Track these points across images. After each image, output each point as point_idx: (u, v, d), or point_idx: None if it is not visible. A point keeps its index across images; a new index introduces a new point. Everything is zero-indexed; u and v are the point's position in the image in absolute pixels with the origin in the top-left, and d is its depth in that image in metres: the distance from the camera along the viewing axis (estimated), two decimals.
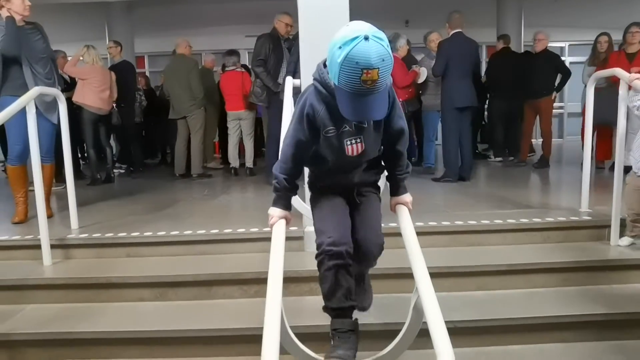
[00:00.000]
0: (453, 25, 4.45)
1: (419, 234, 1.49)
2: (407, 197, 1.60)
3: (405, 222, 1.50)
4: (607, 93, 3.73)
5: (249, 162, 5.57)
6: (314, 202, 1.56)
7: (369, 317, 2.21)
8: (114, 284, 2.45)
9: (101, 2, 7.20)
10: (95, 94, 4.98)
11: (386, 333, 2.17)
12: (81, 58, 5.07)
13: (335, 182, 1.53)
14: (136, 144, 6.18)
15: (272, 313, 1.15)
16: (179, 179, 5.42)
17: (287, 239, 1.49)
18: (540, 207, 3.25)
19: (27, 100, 2.53)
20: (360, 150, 1.42)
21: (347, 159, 1.44)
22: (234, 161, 5.66)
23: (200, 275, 2.44)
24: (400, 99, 5.11)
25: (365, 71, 1.14)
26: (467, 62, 4.36)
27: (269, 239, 1.48)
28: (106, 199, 4.22)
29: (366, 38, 1.15)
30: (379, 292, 2.44)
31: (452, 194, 3.92)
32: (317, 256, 1.46)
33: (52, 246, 2.67)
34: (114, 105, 5.34)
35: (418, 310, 1.37)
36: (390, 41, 1.36)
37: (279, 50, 4.58)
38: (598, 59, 4.91)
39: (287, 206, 1.51)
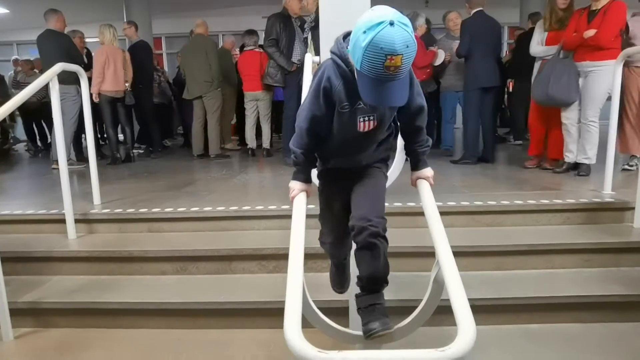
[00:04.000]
0: (473, 4, 4.34)
1: None
2: (428, 172, 1.58)
3: (427, 196, 1.49)
4: (562, 66, 3.56)
5: (266, 143, 5.59)
6: (321, 200, 1.59)
7: (385, 295, 2.25)
8: (136, 258, 2.52)
9: None
10: (111, 77, 5.02)
11: (402, 310, 2.19)
12: (102, 38, 5.10)
13: (344, 162, 1.52)
14: (155, 124, 6.24)
15: (294, 284, 1.16)
16: (197, 159, 5.48)
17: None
18: (562, 189, 3.20)
19: (50, 75, 2.57)
20: (372, 127, 1.42)
21: (357, 136, 1.43)
22: (251, 142, 5.69)
23: (221, 250, 2.48)
24: (418, 79, 5.06)
25: (389, 57, 1.11)
26: (490, 41, 4.26)
27: (287, 217, 1.50)
28: (126, 177, 4.30)
29: (391, 24, 1.12)
30: (395, 270, 2.46)
31: (471, 175, 3.89)
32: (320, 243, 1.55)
33: (77, 221, 2.75)
34: (127, 86, 5.32)
35: (439, 283, 1.38)
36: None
37: (291, 29, 4.55)
38: (553, 21, 3.89)
39: (308, 179, 1.51)
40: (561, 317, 2.18)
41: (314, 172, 1.60)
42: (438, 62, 4.95)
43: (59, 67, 2.65)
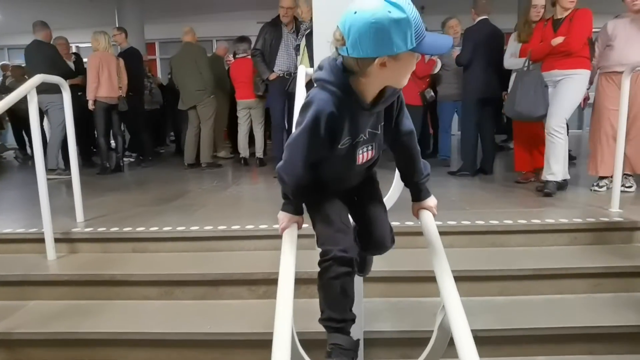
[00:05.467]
0: (479, 11, 4.20)
1: None
2: (430, 201, 1.44)
3: (431, 230, 1.36)
4: (529, 78, 3.39)
5: (259, 152, 5.46)
6: (312, 205, 1.42)
7: (383, 324, 2.11)
8: (119, 282, 2.36)
9: None
10: (105, 83, 4.92)
11: (402, 341, 2.07)
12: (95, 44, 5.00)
13: (335, 189, 1.40)
14: (146, 132, 6.09)
15: (282, 336, 1.03)
16: (189, 169, 5.33)
17: (298, 237, 1.37)
18: (567, 206, 3.07)
19: (29, 87, 2.43)
20: (369, 157, 1.31)
21: (353, 169, 1.31)
22: (243, 151, 5.55)
23: (208, 274, 2.34)
24: (419, 90, 4.94)
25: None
26: (493, 52, 4.13)
27: (278, 237, 1.36)
28: (114, 189, 4.14)
29: None
30: (393, 295, 2.34)
31: (471, 189, 3.76)
32: (322, 262, 1.33)
33: (57, 240, 2.59)
34: (122, 92, 5.21)
35: (444, 330, 1.24)
36: None
37: (278, 38, 4.46)
38: (526, 32, 3.77)
39: (299, 211, 1.37)
40: (571, 349, 2.05)
41: None
42: (436, 70, 4.83)
43: (38, 78, 2.51)
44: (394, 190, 1.84)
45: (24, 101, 5.40)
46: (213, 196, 3.70)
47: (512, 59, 3.89)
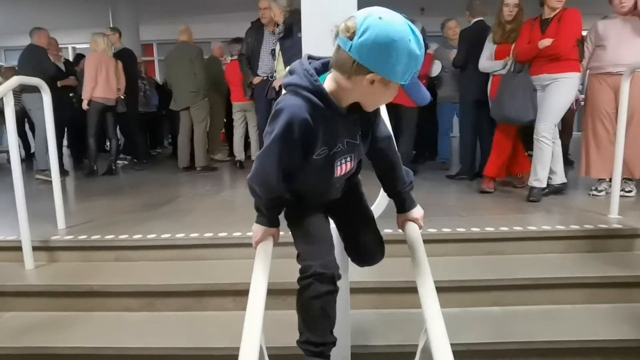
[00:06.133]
0: (474, 13, 4.13)
1: (430, 241, 1.31)
2: (416, 212, 1.36)
3: (416, 246, 1.27)
4: (517, 81, 3.30)
5: (255, 155, 5.36)
6: (292, 220, 1.33)
7: (372, 338, 2.02)
8: (98, 292, 2.28)
9: None
10: (103, 84, 4.87)
11: (391, 356, 1.98)
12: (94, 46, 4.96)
13: (315, 202, 1.31)
14: (140, 134, 6.01)
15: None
16: (183, 172, 5.25)
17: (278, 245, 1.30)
18: (564, 212, 2.98)
19: (5, 90, 2.35)
20: (348, 169, 1.23)
21: (331, 181, 1.23)
22: (239, 154, 5.47)
23: (192, 285, 2.25)
24: None
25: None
26: None
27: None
28: (103, 193, 4.06)
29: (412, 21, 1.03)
30: (381, 307, 2.25)
31: (468, 194, 3.66)
32: (301, 279, 1.24)
33: (36, 248, 2.51)
34: (120, 93, 5.17)
35: (427, 354, 1.15)
36: None
37: (260, 39, 4.43)
38: (500, 33, 3.64)
39: (273, 222, 1.28)
40: None
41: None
42: (434, 73, 4.73)
43: (15, 80, 2.42)
44: (382, 197, 1.75)
45: (18, 102, 5.39)
46: (204, 201, 3.62)
47: (487, 61, 3.76)
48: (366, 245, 1.36)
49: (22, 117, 6.16)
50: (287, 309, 2.06)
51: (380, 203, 1.66)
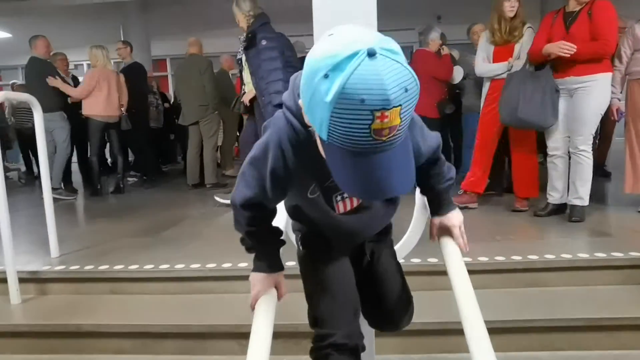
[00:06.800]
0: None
1: None
2: (454, 218, 1.08)
3: (456, 270, 0.98)
4: (534, 81, 2.91)
5: None
6: (307, 267, 1.06)
7: None
8: (88, 333, 2.01)
9: (116, 2, 6.91)
10: (103, 101, 4.67)
11: None
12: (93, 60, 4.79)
13: (341, 244, 1.05)
14: (149, 151, 5.82)
15: None
16: (192, 189, 5.02)
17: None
18: (616, 235, 2.62)
19: None
20: (354, 205, 0.95)
21: (338, 218, 0.97)
22: None
23: (191, 326, 1.97)
24: (435, 101, 4.54)
25: (377, 114, 0.62)
26: None
27: None
28: (104, 215, 3.85)
29: (371, 54, 0.62)
30: (413, 351, 1.93)
31: (500, 213, 3.31)
32: (316, 350, 0.96)
33: (24, 280, 2.27)
34: (123, 110, 4.95)
35: None
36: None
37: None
38: (502, 31, 3.20)
39: (275, 266, 1.00)
40: None
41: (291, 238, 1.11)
42: (456, 80, 4.43)
43: (1, 97, 2.21)
44: (413, 230, 1.45)
45: (30, 120, 5.26)
46: (210, 224, 3.35)
47: (485, 64, 3.32)
48: (390, 308, 1.09)
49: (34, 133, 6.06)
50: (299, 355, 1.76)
51: (410, 237, 1.36)
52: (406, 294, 1.11)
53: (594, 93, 2.82)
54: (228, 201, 3.68)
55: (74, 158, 5.84)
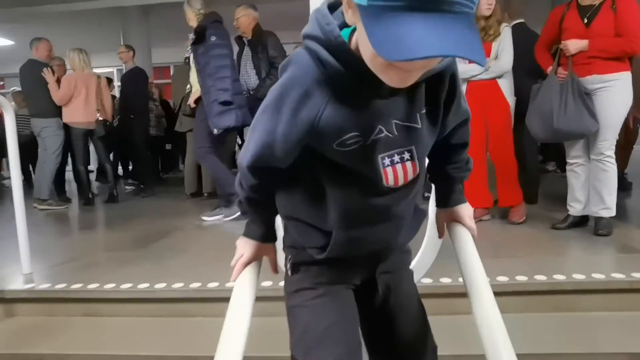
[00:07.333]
0: (513, 13, 3.57)
1: None
2: (465, 209, 0.91)
3: (473, 266, 0.82)
4: (562, 86, 2.63)
5: None
6: (296, 302, 0.84)
7: None
8: None
9: (116, 8, 6.78)
10: (82, 107, 4.45)
11: None
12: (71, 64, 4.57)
13: (351, 248, 0.79)
14: (147, 159, 5.61)
15: None
16: (190, 198, 4.80)
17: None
18: None
19: None
20: (409, 174, 0.74)
21: (377, 199, 0.75)
22: None
23: (167, 357, 1.72)
24: None
25: None
26: (531, 62, 3.44)
27: (268, 299, 1.05)
28: (90, 226, 3.65)
29: None
30: None
31: (519, 227, 3.03)
32: None
33: None
34: (98, 115, 4.65)
35: None
36: None
37: (241, 52, 3.97)
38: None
39: (267, 234, 0.87)
40: None
41: (279, 227, 0.91)
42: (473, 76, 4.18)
43: None
44: (428, 247, 1.22)
45: (27, 128, 5.08)
46: (202, 236, 3.11)
47: (461, 64, 3.06)
48: (404, 347, 0.84)
49: (30, 142, 5.89)
50: None
51: (423, 260, 1.11)
52: (430, 343, 0.87)
53: (617, 92, 2.58)
54: (217, 218, 3.55)
55: (69, 166, 5.68)
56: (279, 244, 0.91)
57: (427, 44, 0.50)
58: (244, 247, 0.85)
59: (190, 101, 3.54)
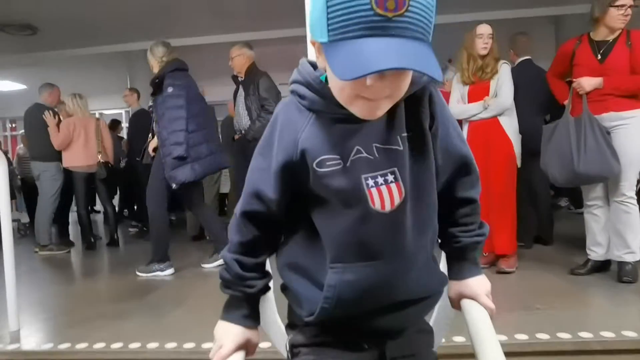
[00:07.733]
0: (519, 50, 3.54)
1: None
2: (479, 285, 0.81)
3: (490, 355, 0.67)
4: (580, 125, 2.52)
5: None
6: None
7: None
8: None
9: (123, 52, 6.95)
10: (82, 151, 4.44)
11: None
12: (67, 109, 4.59)
13: (354, 303, 0.72)
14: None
15: None
16: (192, 242, 4.70)
17: None
18: None
19: None
20: (395, 195, 0.69)
21: (373, 226, 0.70)
22: None
23: None
24: None
25: None
26: (540, 98, 3.38)
27: None
28: (88, 272, 3.57)
29: None
30: None
31: (533, 270, 2.85)
32: None
33: None
34: (99, 157, 4.61)
35: None
36: None
37: (236, 92, 3.94)
38: (473, 70, 2.95)
39: (251, 317, 0.79)
40: None
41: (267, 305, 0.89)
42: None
43: None
44: (444, 307, 1.08)
45: (29, 170, 5.07)
46: (199, 286, 2.93)
47: (460, 105, 3.01)
48: None
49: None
50: None
51: (438, 320, 0.98)
52: None
53: (636, 130, 2.48)
54: (216, 264, 3.38)
55: (73, 208, 5.64)
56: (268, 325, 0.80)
57: (379, 60, 0.55)
58: (224, 336, 0.76)
59: (150, 149, 3.48)
